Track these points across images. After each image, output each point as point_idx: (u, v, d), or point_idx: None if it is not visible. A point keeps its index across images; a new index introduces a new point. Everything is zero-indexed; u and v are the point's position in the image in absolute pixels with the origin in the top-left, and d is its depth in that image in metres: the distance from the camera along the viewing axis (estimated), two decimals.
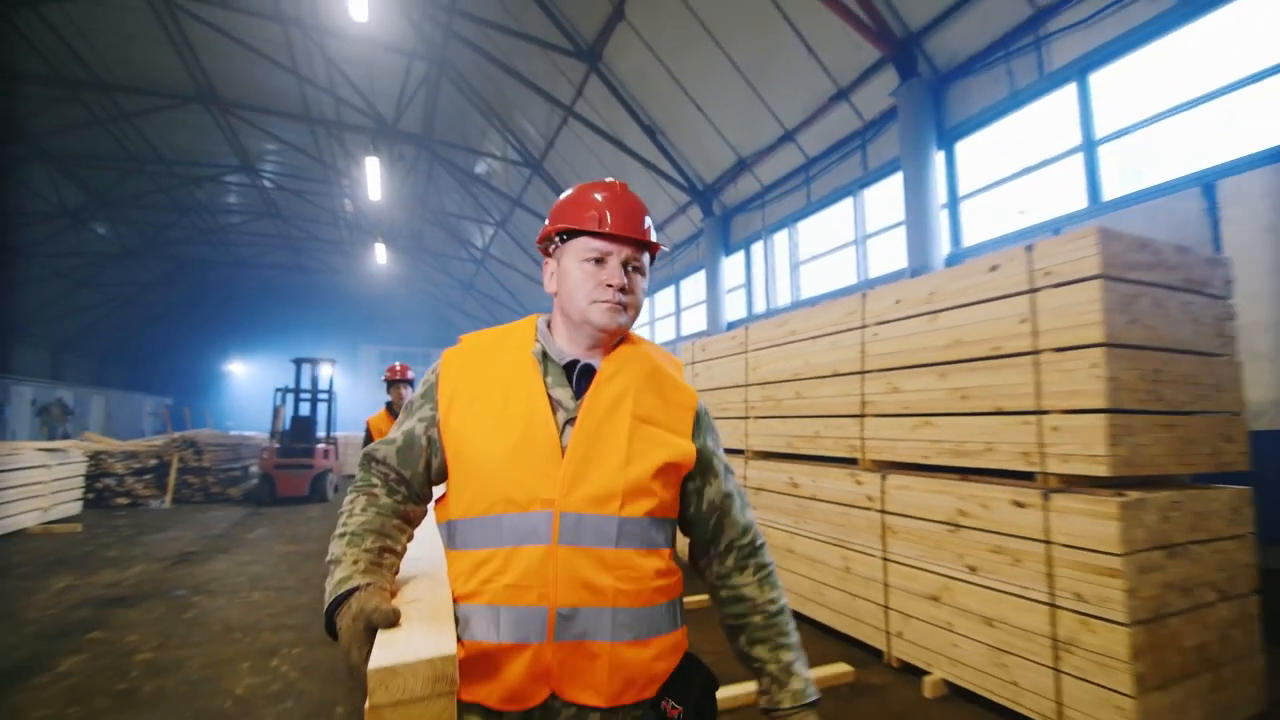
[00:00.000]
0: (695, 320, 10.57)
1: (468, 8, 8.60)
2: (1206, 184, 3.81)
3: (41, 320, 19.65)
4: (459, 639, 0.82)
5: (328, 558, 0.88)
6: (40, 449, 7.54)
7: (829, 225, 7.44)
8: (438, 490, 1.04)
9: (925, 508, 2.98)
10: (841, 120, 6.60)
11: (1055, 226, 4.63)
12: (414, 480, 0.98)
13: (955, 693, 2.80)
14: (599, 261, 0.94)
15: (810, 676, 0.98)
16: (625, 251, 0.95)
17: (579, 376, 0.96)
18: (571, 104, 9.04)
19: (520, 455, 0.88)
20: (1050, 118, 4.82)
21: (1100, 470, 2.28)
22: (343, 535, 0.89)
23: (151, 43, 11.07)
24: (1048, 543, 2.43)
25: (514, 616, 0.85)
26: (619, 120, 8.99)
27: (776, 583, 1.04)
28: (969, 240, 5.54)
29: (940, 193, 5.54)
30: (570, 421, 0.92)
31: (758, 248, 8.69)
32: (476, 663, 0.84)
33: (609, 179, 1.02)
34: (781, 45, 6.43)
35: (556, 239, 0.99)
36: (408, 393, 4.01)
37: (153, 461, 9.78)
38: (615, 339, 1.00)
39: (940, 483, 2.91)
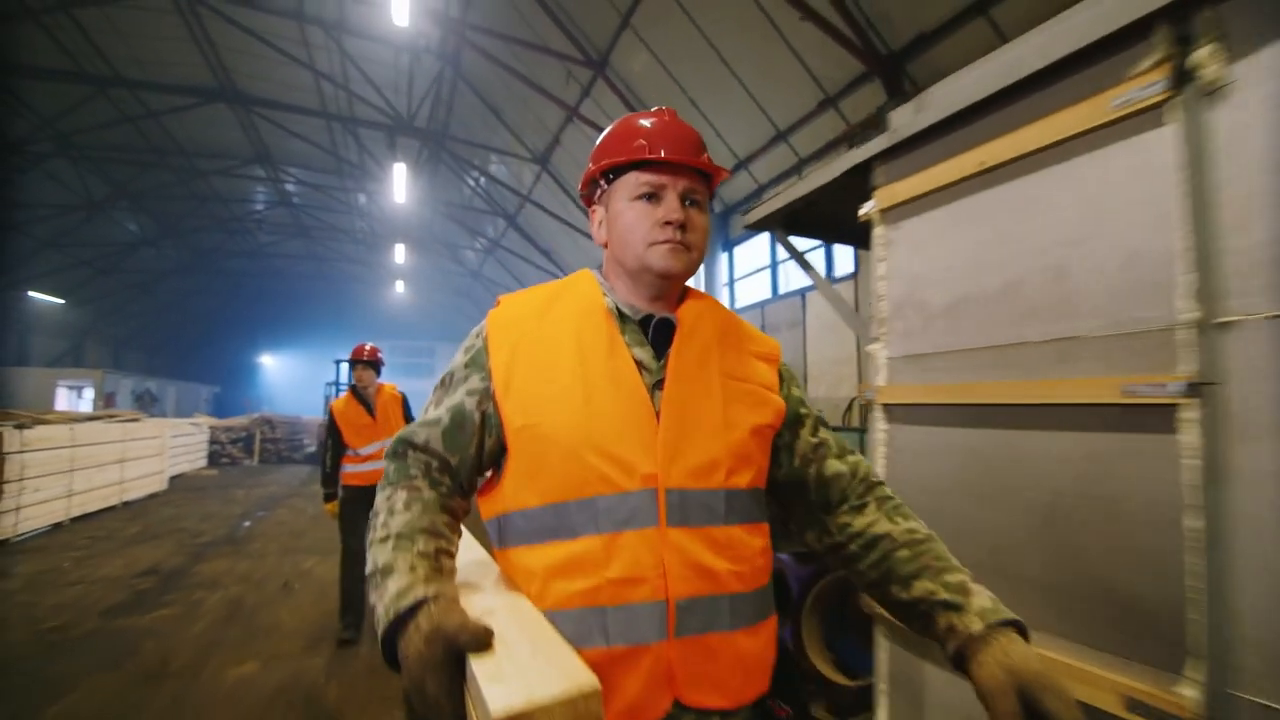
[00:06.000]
0: None
1: (479, 20, 9.92)
2: (802, 294, 7.96)
3: (109, 322, 23.99)
4: None
5: (370, 567, 0.69)
6: (189, 423, 11.83)
7: None
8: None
9: None
10: None
11: (760, 305, 8.81)
12: (461, 468, 0.80)
13: None
14: (652, 197, 0.81)
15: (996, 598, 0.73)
16: (682, 183, 0.81)
17: (655, 333, 0.83)
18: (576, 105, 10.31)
19: (612, 425, 0.74)
20: (764, 245, 8.98)
21: None
22: (386, 539, 0.70)
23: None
24: None
25: (625, 616, 0.70)
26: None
27: (910, 513, 0.85)
28: (740, 304, 9.72)
29: (724, 276, 9.72)
30: (658, 384, 0.78)
31: None
32: None
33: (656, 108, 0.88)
34: None
35: (601, 182, 0.86)
36: (370, 376, 3.59)
37: (242, 434, 14.06)
38: (679, 288, 0.88)
39: None
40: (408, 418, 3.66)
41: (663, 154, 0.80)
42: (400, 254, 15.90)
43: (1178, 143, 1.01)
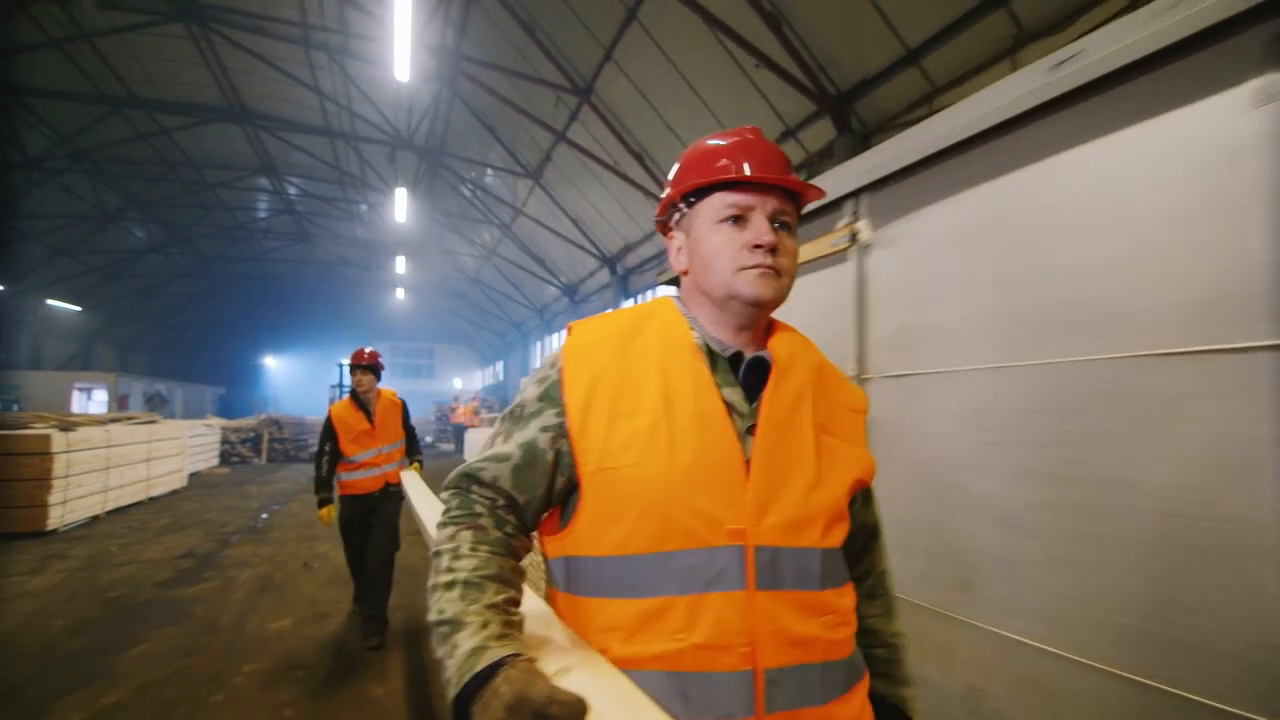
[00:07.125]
0: None
1: (473, 49, 10.87)
2: None
3: (117, 325, 24.76)
4: None
5: (434, 615, 0.64)
6: (203, 424, 12.58)
7: None
8: None
9: None
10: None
11: None
12: (529, 507, 0.75)
13: None
14: (739, 220, 0.76)
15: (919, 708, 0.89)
16: (771, 204, 0.76)
17: (747, 372, 0.77)
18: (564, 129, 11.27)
19: (698, 473, 0.69)
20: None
21: None
22: (451, 585, 0.65)
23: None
24: None
25: (709, 686, 0.65)
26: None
27: (897, 609, 0.93)
28: None
29: None
30: (749, 430, 0.73)
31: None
32: None
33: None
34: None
35: (681, 205, 0.81)
36: (370, 380, 3.57)
37: (251, 434, 14.80)
38: (766, 319, 0.82)
39: None
40: (407, 424, 3.79)
41: (748, 171, 0.76)
42: (401, 264, 16.64)
43: (854, 273, 1.76)
